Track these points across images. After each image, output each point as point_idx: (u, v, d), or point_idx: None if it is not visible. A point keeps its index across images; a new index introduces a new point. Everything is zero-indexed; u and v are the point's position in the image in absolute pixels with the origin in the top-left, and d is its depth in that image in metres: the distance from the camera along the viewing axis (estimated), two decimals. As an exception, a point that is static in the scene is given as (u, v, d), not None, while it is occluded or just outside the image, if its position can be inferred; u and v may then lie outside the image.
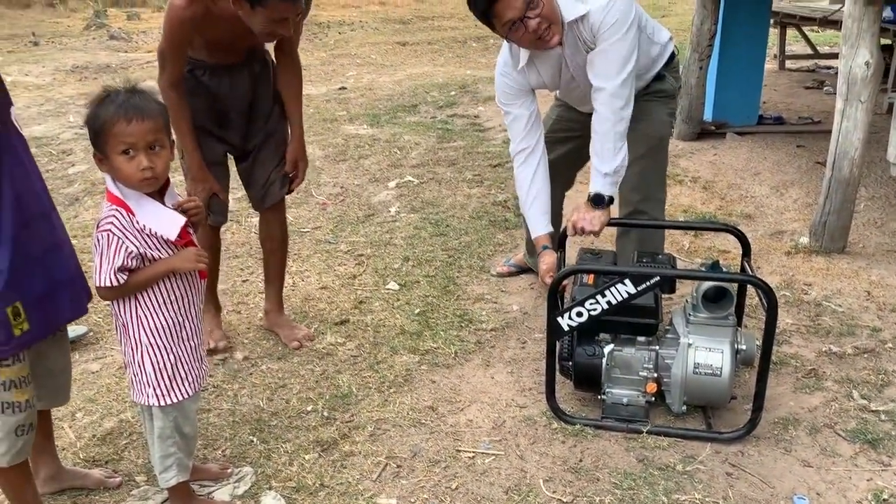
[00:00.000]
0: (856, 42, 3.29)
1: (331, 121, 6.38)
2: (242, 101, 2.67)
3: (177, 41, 2.44)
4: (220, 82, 2.60)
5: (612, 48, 2.39)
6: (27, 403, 1.73)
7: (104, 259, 1.70)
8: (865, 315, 2.98)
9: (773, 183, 4.55)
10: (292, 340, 2.88)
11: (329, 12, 16.11)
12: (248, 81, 2.65)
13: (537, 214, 2.65)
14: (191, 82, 2.57)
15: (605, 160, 2.47)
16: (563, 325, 2.26)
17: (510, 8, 2.31)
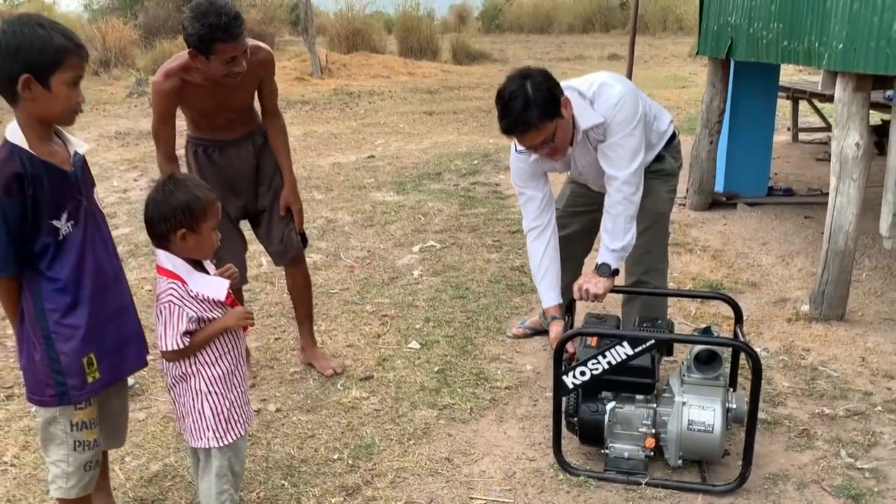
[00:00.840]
0: (846, 125, 3.55)
1: (359, 188, 6.74)
2: (249, 170, 3.06)
3: (162, 113, 2.84)
4: (228, 156, 3.00)
5: (624, 141, 2.67)
6: (94, 443, 2.00)
7: (168, 327, 1.97)
8: (859, 379, 3.16)
9: (780, 252, 4.76)
10: (327, 369, 3.31)
11: (360, 82, 16.79)
12: (252, 152, 3.06)
13: (548, 288, 2.90)
14: (203, 159, 2.99)
15: (616, 239, 2.75)
16: (569, 383, 2.49)
17: (528, 140, 2.62)
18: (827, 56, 3.54)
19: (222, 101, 2.88)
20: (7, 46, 1.75)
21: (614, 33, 28.90)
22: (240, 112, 3.01)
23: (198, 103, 2.88)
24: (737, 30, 4.73)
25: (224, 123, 2.98)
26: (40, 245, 1.85)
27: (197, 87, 2.79)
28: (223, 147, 3.00)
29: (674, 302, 3.99)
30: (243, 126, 3.04)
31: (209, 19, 2.57)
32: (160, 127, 2.88)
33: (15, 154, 1.79)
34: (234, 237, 3.12)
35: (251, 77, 2.87)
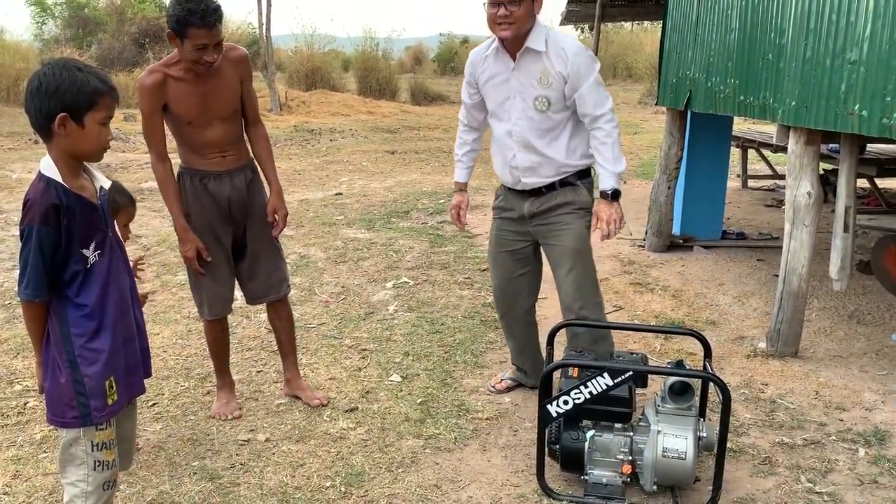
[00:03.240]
0: (798, 175, 3.85)
1: (330, 224, 6.86)
2: (242, 201, 3.18)
3: (149, 110, 2.98)
4: (222, 185, 3.12)
5: (596, 85, 2.98)
6: (113, 462, 2.08)
7: None
8: (814, 411, 3.39)
9: (736, 293, 5.04)
10: (314, 399, 3.43)
11: (320, 119, 16.98)
12: (244, 184, 3.18)
13: (463, 167, 3.46)
14: (198, 188, 3.10)
15: (615, 164, 3.03)
16: (552, 411, 2.65)
17: None
18: (780, 112, 3.85)
19: (206, 101, 2.99)
20: (47, 86, 1.87)
21: (567, 79, 29.74)
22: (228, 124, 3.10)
23: (183, 103, 2.96)
24: (695, 83, 5.06)
25: (215, 143, 3.06)
26: (70, 272, 1.96)
27: (180, 81, 2.95)
28: (217, 176, 3.12)
29: (639, 338, 4.21)
30: (235, 156, 3.15)
31: (189, 4, 2.79)
32: (148, 124, 3.01)
33: (51, 186, 1.91)
34: (225, 267, 3.24)
35: (231, 75, 3.05)
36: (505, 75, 3.07)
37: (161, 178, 3.07)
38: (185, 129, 3.04)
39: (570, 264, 3.14)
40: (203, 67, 2.92)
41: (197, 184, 3.11)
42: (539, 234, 3.23)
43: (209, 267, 3.18)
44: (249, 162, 3.25)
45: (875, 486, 2.80)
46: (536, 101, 3.02)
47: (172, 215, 3.10)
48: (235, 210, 3.19)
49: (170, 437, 3.14)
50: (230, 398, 3.40)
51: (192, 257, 3.10)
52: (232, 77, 3.06)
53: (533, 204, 3.17)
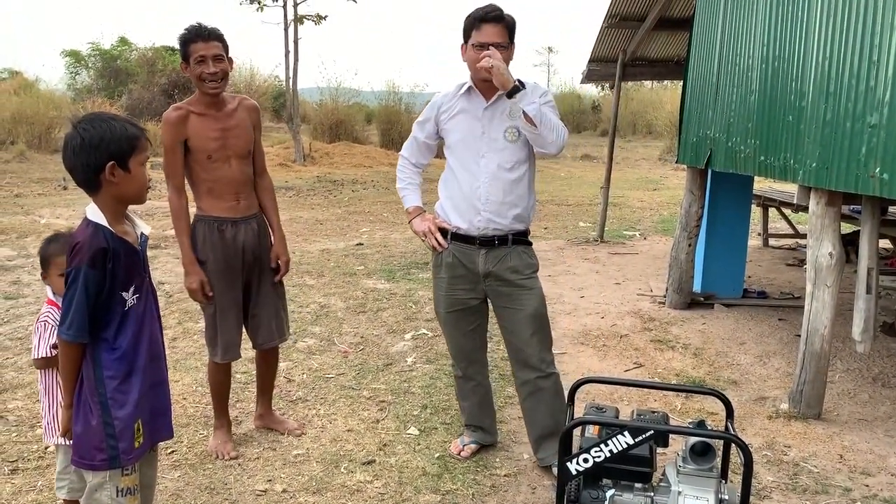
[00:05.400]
0: (820, 236, 3.86)
1: (350, 275, 6.92)
2: (254, 248, 3.37)
3: (171, 143, 3.18)
4: (238, 230, 3.30)
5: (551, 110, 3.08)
6: (135, 510, 2.09)
7: (42, 340, 2.46)
8: (838, 476, 3.33)
9: (757, 352, 5.00)
10: (294, 429, 3.66)
11: (342, 170, 17.24)
12: (256, 231, 3.38)
13: (412, 195, 3.38)
14: (216, 235, 3.27)
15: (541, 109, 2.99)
16: (572, 469, 2.62)
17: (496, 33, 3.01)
18: (801, 173, 3.88)
19: (226, 137, 3.23)
20: (90, 140, 1.95)
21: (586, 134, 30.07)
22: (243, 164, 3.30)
23: (203, 136, 3.19)
24: (716, 143, 5.11)
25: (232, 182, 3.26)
26: (110, 315, 2.01)
27: (201, 116, 3.20)
28: (234, 223, 3.30)
29: (660, 396, 4.18)
30: (248, 201, 3.36)
31: (189, 28, 3.18)
32: (170, 157, 3.19)
33: (100, 231, 1.98)
34: (238, 312, 3.40)
35: (245, 119, 3.33)
36: (475, 113, 3.14)
37: (176, 209, 3.24)
38: (205, 165, 3.22)
39: (534, 328, 3.20)
40: (208, 87, 3.15)
41: (214, 230, 3.27)
42: (495, 295, 3.23)
43: (225, 312, 3.32)
44: (259, 211, 3.44)
45: (903, 556, 2.73)
46: (507, 133, 3.11)
47: (181, 248, 3.24)
48: (249, 256, 3.35)
49: (188, 486, 3.14)
50: (228, 438, 3.51)
51: (196, 289, 3.23)
52: (246, 121, 3.34)
53: (487, 261, 3.16)
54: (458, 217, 3.19)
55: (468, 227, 3.17)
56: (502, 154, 3.12)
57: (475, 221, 3.15)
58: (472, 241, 3.18)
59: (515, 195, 3.16)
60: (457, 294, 3.28)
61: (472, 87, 3.15)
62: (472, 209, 3.15)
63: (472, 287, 3.25)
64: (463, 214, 3.18)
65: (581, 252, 8.33)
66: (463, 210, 3.18)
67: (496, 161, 3.12)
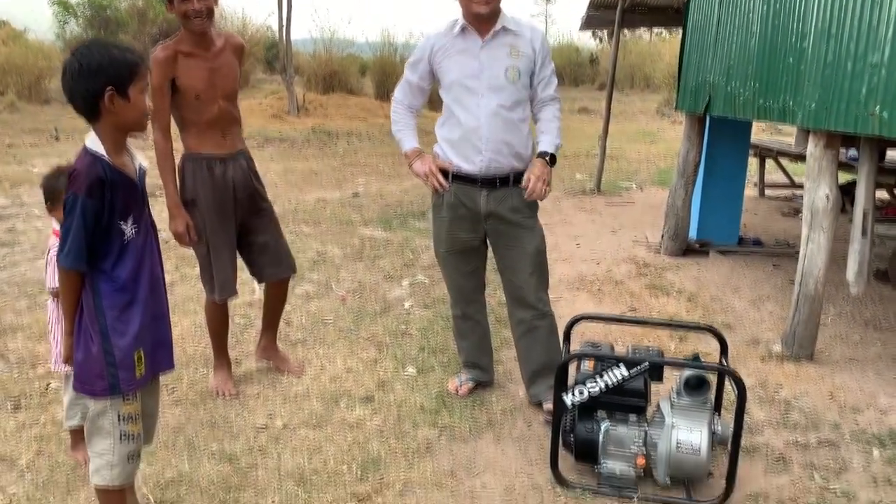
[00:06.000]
0: (817, 178, 3.86)
1: (347, 223, 6.92)
2: (247, 183, 3.38)
3: (159, 83, 3.14)
4: (227, 168, 3.30)
5: (553, 69, 3.22)
6: (138, 435, 2.13)
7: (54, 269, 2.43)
8: (828, 413, 3.39)
9: (751, 297, 5.05)
10: (295, 369, 3.72)
11: (337, 122, 17.06)
12: (244, 168, 3.38)
13: (409, 137, 3.34)
14: (205, 173, 3.26)
15: (557, 136, 3.20)
16: (568, 401, 2.67)
17: None
18: (801, 115, 3.87)
19: (213, 77, 3.20)
20: (89, 66, 1.93)
21: (583, 88, 29.76)
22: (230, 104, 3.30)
23: (192, 76, 3.16)
24: (715, 88, 5.08)
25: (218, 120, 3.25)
26: (108, 245, 2.01)
27: (189, 57, 3.16)
28: (221, 161, 3.30)
29: (653, 339, 4.23)
30: (234, 139, 3.36)
31: None
32: (158, 97, 3.14)
33: (97, 161, 1.98)
34: (230, 250, 3.42)
35: (232, 58, 3.31)
36: (472, 51, 3.11)
37: (162, 151, 3.21)
38: (193, 105, 3.20)
39: (534, 267, 3.22)
40: (194, 24, 3.12)
41: (203, 168, 3.26)
42: (496, 234, 3.24)
43: (219, 250, 3.34)
44: (246, 150, 3.46)
45: (889, 486, 2.80)
46: (508, 72, 3.08)
47: (166, 190, 3.22)
48: (241, 194, 3.36)
49: (189, 421, 3.19)
50: (228, 377, 3.54)
51: (182, 233, 3.22)
52: (233, 60, 3.32)
53: (489, 201, 3.16)
54: (459, 157, 3.17)
55: (469, 168, 3.16)
56: (502, 94, 3.10)
57: (476, 161, 3.14)
58: (473, 182, 3.17)
59: (516, 135, 3.15)
60: (458, 234, 3.29)
61: (465, 25, 3.11)
62: (473, 149, 3.13)
63: (473, 227, 3.26)
64: (463, 155, 3.16)
65: (578, 203, 8.33)
66: (463, 150, 3.16)
67: (496, 101, 3.10)
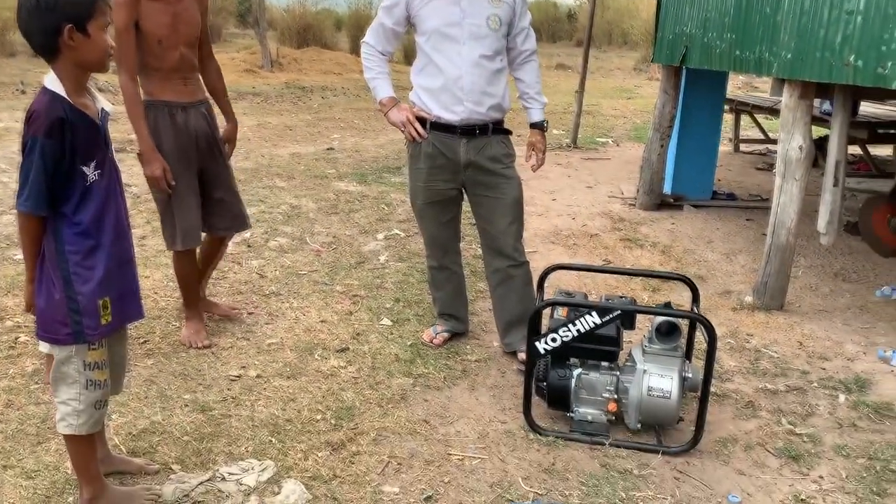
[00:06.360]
0: (791, 129, 3.87)
1: (321, 177, 6.85)
2: (207, 132, 3.35)
3: (124, 24, 3.05)
4: (188, 116, 3.26)
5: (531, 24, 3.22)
6: (104, 383, 2.10)
7: None
8: (797, 361, 3.45)
9: (724, 250, 5.09)
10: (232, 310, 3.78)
11: (311, 77, 16.80)
12: (205, 116, 3.35)
13: (385, 84, 3.23)
14: (168, 120, 3.21)
15: (541, 94, 3.29)
16: (540, 348, 2.69)
17: None
18: (776, 65, 3.86)
19: (176, 22, 3.13)
20: (46, 2, 1.85)
21: (561, 44, 29.51)
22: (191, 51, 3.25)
23: (155, 20, 3.08)
24: (692, 39, 5.04)
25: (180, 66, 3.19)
26: (70, 189, 1.95)
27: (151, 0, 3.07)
28: (183, 108, 3.25)
29: (627, 291, 4.25)
30: (195, 86, 3.32)
31: None
32: (122, 40, 3.04)
33: (57, 101, 1.91)
34: (196, 198, 3.36)
35: (194, 4, 3.24)
36: None
37: (130, 95, 3.11)
38: (155, 50, 3.12)
39: (513, 216, 3.23)
40: None
41: (166, 115, 3.21)
42: (474, 184, 3.22)
43: (182, 197, 3.29)
44: (206, 99, 3.41)
45: (854, 429, 2.86)
46: (490, 20, 3.04)
47: (139, 135, 3.15)
48: (203, 143, 3.33)
49: (161, 373, 3.17)
50: (200, 328, 3.50)
51: (159, 176, 3.16)
52: (195, 7, 3.25)
53: (469, 150, 3.13)
54: (438, 106, 3.12)
55: (450, 117, 3.11)
56: (484, 42, 3.05)
57: (458, 111, 3.09)
58: (452, 131, 3.13)
59: (496, 85, 3.12)
60: (436, 185, 3.25)
61: None
62: (454, 98, 3.08)
63: (452, 177, 3.23)
64: (443, 104, 3.11)
65: (554, 157, 8.30)
66: (443, 100, 3.10)
67: (478, 50, 3.04)
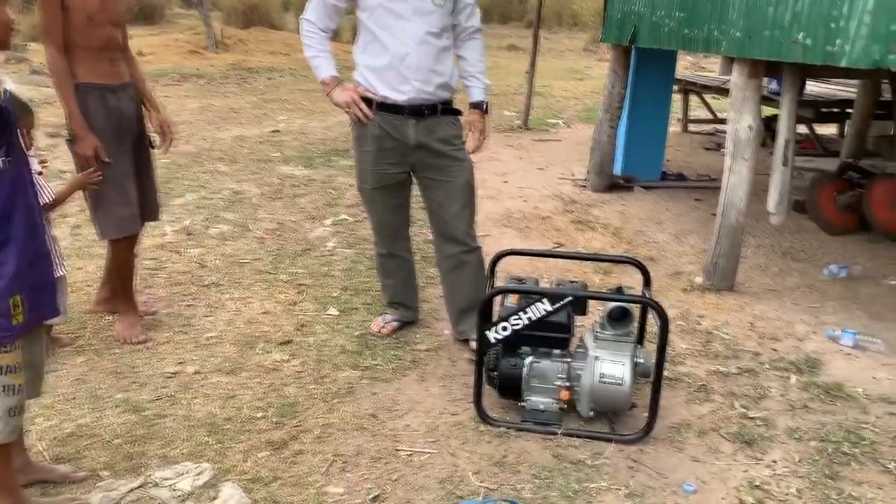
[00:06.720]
0: (741, 108, 3.83)
1: (265, 161, 6.64)
2: (135, 115, 3.22)
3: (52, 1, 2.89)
4: (119, 99, 3.12)
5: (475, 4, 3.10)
6: (20, 388, 1.93)
7: None
8: (748, 342, 3.43)
9: (674, 231, 5.07)
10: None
11: (258, 58, 16.38)
12: (133, 100, 3.21)
13: (327, 64, 3.07)
14: (100, 103, 3.04)
15: (485, 76, 3.16)
16: (491, 337, 2.60)
17: None
18: (725, 43, 3.81)
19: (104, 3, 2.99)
20: None
21: (512, 25, 29.41)
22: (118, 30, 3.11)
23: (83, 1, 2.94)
24: (640, 18, 4.98)
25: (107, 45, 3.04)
26: None
27: None
28: (113, 91, 3.10)
29: (579, 274, 4.19)
30: (122, 68, 3.16)
31: None
32: (49, 12, 2.89)
33: None
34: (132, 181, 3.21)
35: None
36: None
37: (60, 71, 2.94)
38: (82, 28, 2.96)
39: (465, 200, 3.13)
40: None
41: (97, 98, 3.05)
42: (424, 167, 3.11)
43: (121, 182, 3.14)
44: (132, 82, 3.25)
45: (805, 411, 2.85)
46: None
47: (70, 112, 2.97)
48: (133, 126, 3.21)
49: (92, 371, 2.99)
50: (136, 321, 3.32)
51: (91, 156, 2.99)
52: None
53: (418, 132, 3.02)
54: (384, 86, 2.98)
55: (396, 97, 2.98)
56: (430, 18, 2.92)
57: (405, 91, 2.97)
58: (400, 111, 3.00)
59: (443, 63, 3.00)
60: (384, 168, 3.12)
61: None
62: (400, 78, 2.95)
63: (401, 160, 3.10)
64: (389, 83, 2.97)
65: (505, 139, 8.22)
66: (389, 79, 2.97)
67: (424, 27, 2.92)
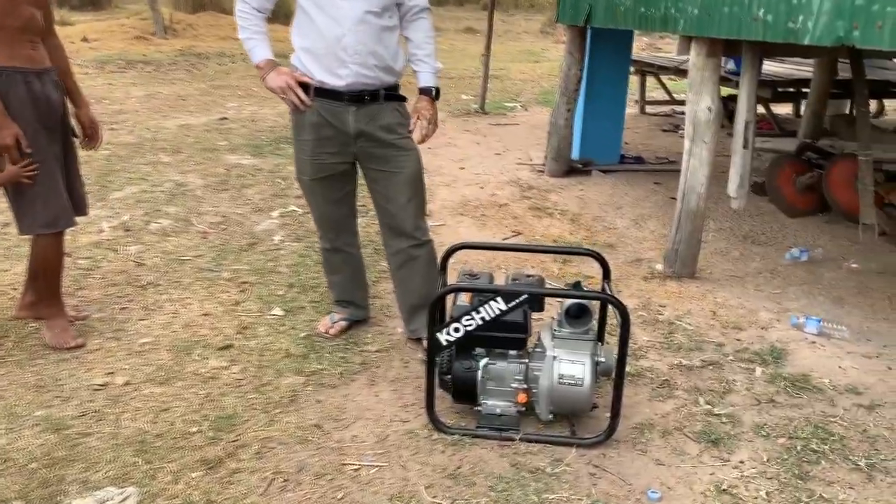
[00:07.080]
0: (700, 89, 3.70)
1: (211, 150, 6.36)
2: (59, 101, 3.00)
3: None
4: (44, 84, 2.89)
5: None
6: None
7: None
8: (711, 332, 3.32)
9: (633, 216, 4.95)
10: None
11: (208, 44, 15.92)
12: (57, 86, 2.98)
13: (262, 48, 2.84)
14: (23, 89, 2.81)
15: (434, 59, 2.95)
16: (442, 339, 2.42)
17: None
18: (683, 22, 3.67)
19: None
20: None
21: (469, 7, 29.13)
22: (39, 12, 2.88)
23: None
24: (595, -3, 4.82)
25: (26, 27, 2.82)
26: None
27: None
28: (37, 76, 2.88)
29: (538, 262, 4.05)
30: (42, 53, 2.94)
31: None
32: None
33: None
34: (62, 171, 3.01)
35: None
36: None
37: None
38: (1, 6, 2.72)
39: (412, 192, 2.94)
40: None
41: (20, 84, 2.81)
42: (367, 157, 2.91)
43: (51, 173, 2.92)
44: (53, 67, 3.01)
45: (772, 406, 2.74)
46: None
47: None
48: (58, 113, 3.00)
49: (11, 385, 2.74)
50: (67, 325, 3.11)
51: (10, 145, 2.75)
52: None
53: (358, 119, 2.82)
54: (321, 70, 2.77)
55: (334, 82, 2.77)
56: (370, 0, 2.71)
57: (342, 75, 2.75)
58: (339, 97, 2.79)
59: (385, 45, 2.78)
60: (323, 158, 2.91)
61: None
62: (337, 61, 2.74)
63: (341, 150, 2.89)
64: (326, 67, 2.76)
65: (462, 124, 8.04)
66: (326, 62, 2.75)
67: (363, 6, 2.70)
